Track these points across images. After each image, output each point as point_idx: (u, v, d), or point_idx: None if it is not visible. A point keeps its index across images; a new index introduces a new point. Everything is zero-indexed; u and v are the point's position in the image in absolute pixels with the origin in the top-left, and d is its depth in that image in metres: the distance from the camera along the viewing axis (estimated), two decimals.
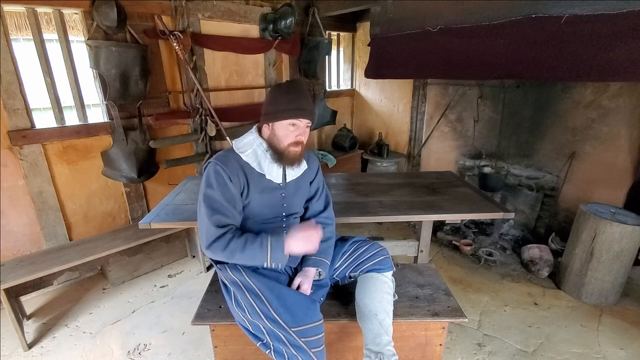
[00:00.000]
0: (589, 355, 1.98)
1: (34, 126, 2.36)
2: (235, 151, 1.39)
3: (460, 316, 1.53)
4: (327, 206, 1.60)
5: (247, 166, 1.37)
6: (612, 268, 2.29)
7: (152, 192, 3.03)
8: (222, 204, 1.31)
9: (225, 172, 1.31)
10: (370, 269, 1.50)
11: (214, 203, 1.30)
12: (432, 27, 2.66)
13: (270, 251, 1.27)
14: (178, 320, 2.29)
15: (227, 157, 1.36)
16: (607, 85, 2.63)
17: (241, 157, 1.37)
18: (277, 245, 1.27)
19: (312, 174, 1.55)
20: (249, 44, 3.38)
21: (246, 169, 1.37)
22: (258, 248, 1.27)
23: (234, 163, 1.35)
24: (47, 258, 2.23)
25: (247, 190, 1.37)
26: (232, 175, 1.32)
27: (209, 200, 1.31)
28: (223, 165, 1.32)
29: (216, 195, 1.30)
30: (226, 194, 1.31)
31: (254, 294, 1.31)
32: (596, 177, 2.81)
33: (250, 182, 1.37)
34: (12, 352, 2.05)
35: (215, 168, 1.32)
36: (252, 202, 1.38)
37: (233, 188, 1.32)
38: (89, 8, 2.38)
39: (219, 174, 1.32)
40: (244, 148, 1.39)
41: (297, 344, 1.23)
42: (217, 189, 1.31)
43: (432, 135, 3.96)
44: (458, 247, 3.07)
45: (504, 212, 1.82)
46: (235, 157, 1.37)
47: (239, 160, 1.37)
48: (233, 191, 1.33)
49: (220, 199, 1.30)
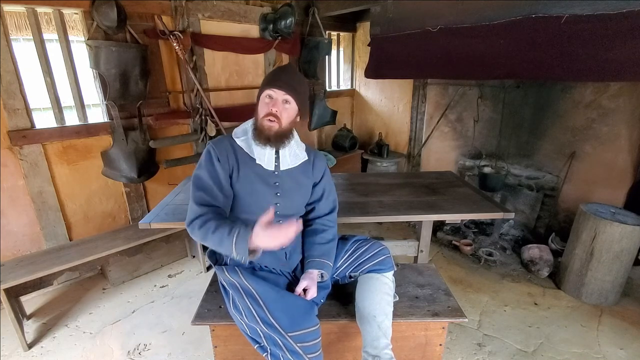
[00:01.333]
0: (589, 355, 1.98)
1: (34, 126, 2.36)
2: (231, 136, 1.42)
3: (460, 316, 1.53)
4: (332, 210, 1.56)
5: (240, 150, 1.38)
6: (612, 268, 2.29)
7: (152, 192, 3.03)
8: (207, 182, 1.31)
9: (215, 151, 1.34)
10: (371, 269, 1.49)
11: (199, 181, 1.32)
12: (432, 27, 2.66)
13: (235, 238, 1.13)
14: (178, 320, 2.29)
15: (220, 140, 1.40)
16: (607, 85, 2.63)
17: (235, 141, 1.40)
18: (244, 234, 1.12)
19: (318, 174, 1.51)
20: (249, 44, 3.38)
21: (238, 152, 1.38)
22: (226, 234, 1.15)
23: (226, 144, 1.38)
24: (47, 258, 2.23)
25: (237, 173, 1.36)
26: (221, 155, 1.34)
27: (196, 178, 1.33)
28: (214, 145, 1.36)
29: (202, 174, 1.32)
30: (212, 172, 1.32)
31: (252, 298, 1.30)
32: (596, 177, 2.81)
33: (241, 165, 1.36)
34: (12, 352, 2.05)
35: (207, 149, 1.36)
36: (242, 187, 1.35)
37: (219, 168, 1.33)
38: (89, 8, 2.38)
39: (208, 153, 1.35)
40: (240, 134, 1.41)
41: (294, 349, 1.22)
42: (204, 167, 1.33)
43: (432, 135, 3.96)
44: (458, 247, 3.07)
45: (504, 212, 1.82)
46: (230, 141, 1.40)
47: (232, 144, 1.39)
48: (219, 170, 1.33)
49: (206, 178, 1.32)
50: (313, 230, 1.50)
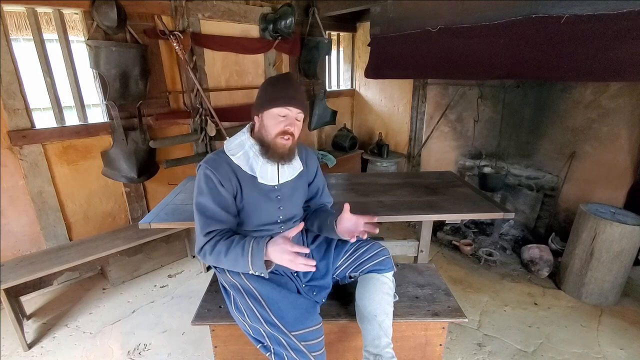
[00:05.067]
0: (589, 355, 1.98)
1: (34, 126, 2.36)
2: (226, 153, 1.35)
3: (460, 316, 1.53)
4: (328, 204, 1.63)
5: (239, 169, 1.33)
6: (612, 268, 2.29)
7: (152, 192, 3.03)
8: (213, 209, 1.28)
9: (216, 176, 1.27)
10: (371, 270, 1.49)
11: (204, 210, 1.28)
12: (432, 27, 2.66)
13: (250, 257, 1.18)
14: (178, 320, 2.29)
15: (217, 161, 1.31)
16: (607, 85, 2.63)
17: (232, 159, 1.33)
18: (258, 252, 1.17)
19: (311, 174, 1.53)
20: (249, 44, 3.38)
21: (238, 171, 1.32)
22: (240, 253, 1.20)
23: (224, 166, 1.31)
24: (47, 258, 2.23)
25: (240, 194, 1.33)
26: (224, 180, 1.28)
27: (200, 206, 1.28)
28: (213, 169, 1.28)
29: (207, 202, 1.27)
30: (217, 198, 1.28)
31: (253, 298, 1.30)
32: (596, 177, 2.81)
33: (243, 185, 1.33)
34: (12, 352, 2.05)
35: (205, 172, 1.28)
36: (246, 206, 1.35)
37: (225, 192, 1.29)
38: (89, 8, 2.38)
39: (209, 179, 1.28)
40: (235, 150, 1.35)
41: (298, 347, 1.23)
42: (207, 194, 1.27)
43: (432, 135, 3.96)
44: (458, 247, 3.07)
45: (504, 212, 1.82)
46: (227, 160, 1.33)
47: (230, 163, 1.32)
48: (225, 195, 1.29)
49: (211, 205, 1.27)
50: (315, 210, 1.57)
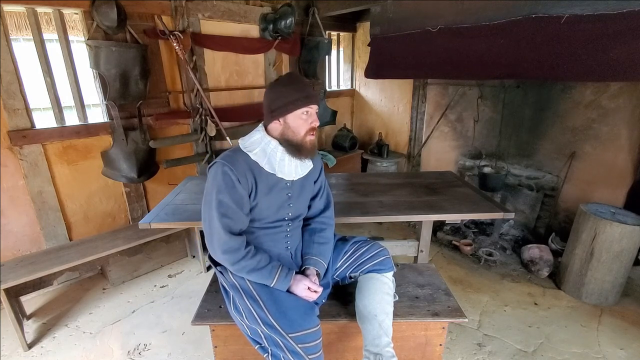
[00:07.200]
0: (589, 355, 1.98)
1: (34, 126, 2.36)
2: (242, 150, 1.34)
3: (460, 316, 1.53)
4: (328, 206, 1.57)
5: (256, 165, 1.32)
6: (612, 268, 2.29)
7: (152, 192, 3.03)
8: (231, 207, 1.26)
9: (234, 173, 1.26)
10: (371, 270, 1.49)
11: (223, 208, 1.26)
12: (432, 27, 2.66)
13: (276, 281, 1.32)
14: (178, 320, 2.29)
15: (234, 158, 1.30)
16: (607, 85, 2.63)
17: (249, 155, 1.32)
18: (284, 281, 1.33)
19: (316, 172, 1.53)
20: (249, 44, 3.38)
21: (254, 168, 1.31)
22: (267, 275, 1.32)
23: (242, 163, 1.30)
24: (47, 258, 2.23)
25: (255, 192, 1.32)
26: (241, 177, 1.27)
27: (218, 203, 1.26)
28: (231, 165, 1.27)
29: (225, 199, 1.26)
30: (234, 196, 1.26)
31: (252, 299, 1.31)
32: (596, 177, 2.81)
33: (259, 183, 1.32)
34: (12, 352, 2.05)
35: (223, 169, 1.27)
36: (259, 203, 1.34)
37: (241, 190, 1.28)
38: (89, 8, 2.38)
39: (227, 176, 1.26)
40: (252, 146, 1.34)
41: (295, 349, 1.23)
42: (225, 191, 1.26)
43: (432, 135, 3.96)
44: (458, 247, 3.07)
45: (504, 212, 1.82)
46: (243, 157, 1.32)
47: (247, 159, 1.31)
48: (242, 193, 1.28)
49: (229, 202, 1.26)
50: (312, 229, 1.52)
